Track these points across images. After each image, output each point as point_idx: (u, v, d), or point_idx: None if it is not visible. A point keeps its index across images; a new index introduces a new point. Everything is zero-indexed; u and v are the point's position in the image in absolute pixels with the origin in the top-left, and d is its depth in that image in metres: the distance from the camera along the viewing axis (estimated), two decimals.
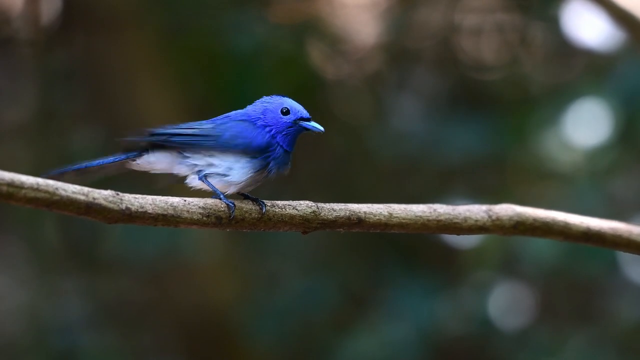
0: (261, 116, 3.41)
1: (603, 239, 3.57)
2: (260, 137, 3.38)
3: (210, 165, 3.36)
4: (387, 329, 6.79)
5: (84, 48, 7.18)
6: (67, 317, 7.16)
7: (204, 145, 3.36)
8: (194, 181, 3.40)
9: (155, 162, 3.41)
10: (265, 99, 3.46)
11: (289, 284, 7.06)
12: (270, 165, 3.37)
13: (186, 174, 3.40)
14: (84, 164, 3.37)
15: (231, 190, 3.36)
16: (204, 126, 3.39)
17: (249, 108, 3.46)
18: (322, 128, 3.43)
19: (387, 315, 6.86)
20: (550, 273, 6.86)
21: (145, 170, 3.44)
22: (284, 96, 3.45)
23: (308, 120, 3.43)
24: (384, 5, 7.86)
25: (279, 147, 3.38)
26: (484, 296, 6.91)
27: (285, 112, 3.42)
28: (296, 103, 3.44)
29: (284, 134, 3.40)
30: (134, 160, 3.41)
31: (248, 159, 3.36)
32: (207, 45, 7.11)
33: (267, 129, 3.39)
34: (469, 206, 3.47)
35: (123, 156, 3.40)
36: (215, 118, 3.45)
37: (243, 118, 3.42)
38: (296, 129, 3.41)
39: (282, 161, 3.40)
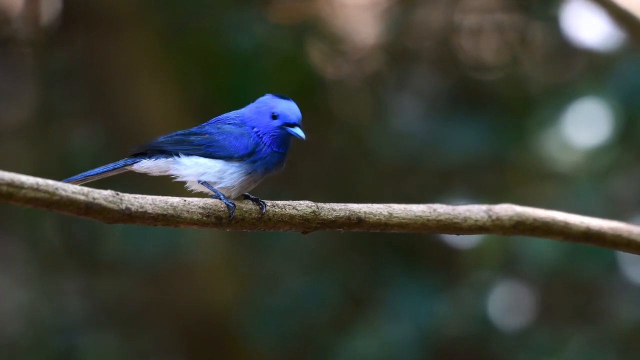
0: (254, 117, 3.45)
1: (603, 239, 3.57)
2: (244, 145, 3.41)
3: (203, 174, 3.39)
4: (387, 329, 6.79)
5: (84, 48, 7.18)
6: (67, 317, 7.16)
7: (193, 153, 3.41)
8: (193, 185, 3.42)
9: (151, 167, 3.45)
10: (262, 99, 3.49)
11: (289, 284, 7.06)
12: (257, 166, 3.39)
13: (183, 179, 3.44)
14: (83, 174, 3.40)
15: (231, 194, 3.37)
16: (191, 137, 3.44)
17: (248, 107, 3.50)
18: (303, 135, 3.45)
19: (387, 315, 6.86)
20: (550, 273, 6.86)
21: (143, 173, 3.47)
22: (281, 97, 3.48)
23: (293, 125, 3.44)
24: (384, 5, 7.86)
25: (266, 147, 3.41)
26: (484, 296, 6.91)
27: (274, 117, 3.44)
28: (289, 106, 3.46)
29: (270, 136, 3.42)
30: (131, 166, 3.45)
31: (237, 165, 3.39)
32: (207, 45, 7.11)
33: (255, 130, 3.42)
34: (469, 206, 3.47)
35: (121, 163, 3.44)
36: (208, 122, 3.49)
37: (235, 122, 3.47)
38: (282, 133, 3.43)
39: (271, 161, 3.42)
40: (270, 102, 3.46)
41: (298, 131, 3.43)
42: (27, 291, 7.42)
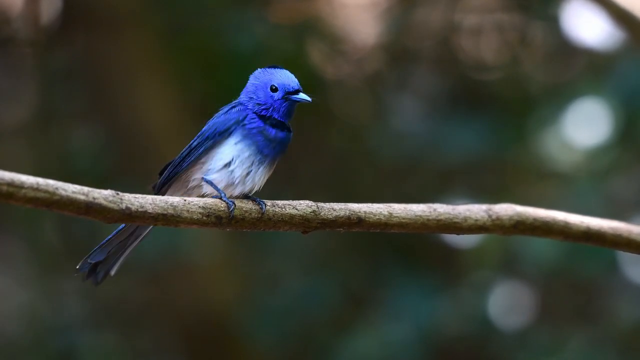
0: (253, 96, 3.45)
1: (603, 239, 3.57)
2: (225, 120, 3.41)
3: (208, 170, 3.39)
4: (387, 329, 6.79)
5: (84, 48, 7.18)
6: (67, 317, 7.15)
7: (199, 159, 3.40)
8: (205, 187, 3.41)
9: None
10: (254, 75, 3.50)
11: (289, 284, 7.05)
12: (259, 139, 3.38)
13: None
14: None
15: (236, 189, 3.36)
16: (192, 144, 3.43)
17: (243, 91, 3.50)
18: (309, 98, 3.45)
19: (387, 315, 6.86)
20: (550, 273, 6.86)
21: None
22: (272, 68, 3.48)
23: (296, 92, 3.44)
24: (384, 5, 7.86)
25: (257, 121, 3.40)
26: (484, 296, 6.91)
27: (274, 89, 3.44)
28: (285, 74, 3.46)
29: (276, 109, 3.42)
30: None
31: (235, 141, 3.38)
32: (207, 45, 7.11)
33: (259, 106, 3.42)
34: (469, 206, 3.47)
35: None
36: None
37: (225, 108, 3.47)
38: (287, 103, 3.43)
39: (273, 135, 3.40)
40: (264, 76, 3.47)
41: (302, 96, 3.45)
42: (27, 291, 7.42)
